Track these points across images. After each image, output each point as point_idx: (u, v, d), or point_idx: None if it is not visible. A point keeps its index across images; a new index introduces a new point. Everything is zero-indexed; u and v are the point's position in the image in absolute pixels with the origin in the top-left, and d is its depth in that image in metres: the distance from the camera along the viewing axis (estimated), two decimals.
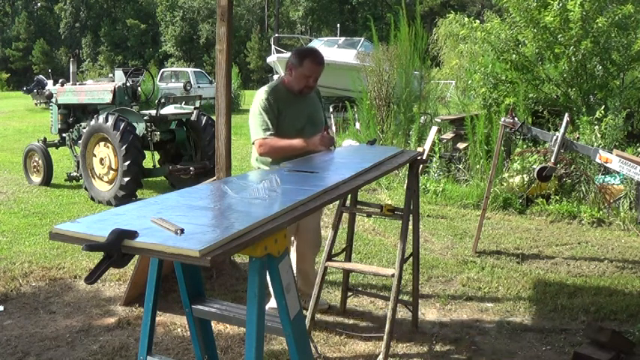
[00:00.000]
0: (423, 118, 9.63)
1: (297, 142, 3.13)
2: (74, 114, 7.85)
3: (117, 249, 1.49)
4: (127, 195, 6.55)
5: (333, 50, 17.87)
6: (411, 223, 3.21)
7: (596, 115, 6.84)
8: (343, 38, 19.86)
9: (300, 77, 3.25)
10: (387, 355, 3.00)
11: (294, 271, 3.15)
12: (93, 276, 1.50)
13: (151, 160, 7.34)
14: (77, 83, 8.28)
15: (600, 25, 7.11)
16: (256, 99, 3.25)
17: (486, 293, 4.14)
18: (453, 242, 5.39)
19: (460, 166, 7.79)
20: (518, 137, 7.20)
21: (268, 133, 3.16)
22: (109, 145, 6.78)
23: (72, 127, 7.75)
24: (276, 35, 24.79)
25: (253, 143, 3.23)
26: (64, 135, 7.88)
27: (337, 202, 3.23)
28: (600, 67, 7.69)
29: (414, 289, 3.51)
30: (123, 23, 52.74)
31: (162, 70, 26.57)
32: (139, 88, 7.91)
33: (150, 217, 1.68)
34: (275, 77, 15.80)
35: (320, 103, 3.56)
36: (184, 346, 3.24)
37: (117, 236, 1.49)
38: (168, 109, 7.46)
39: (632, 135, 7.45)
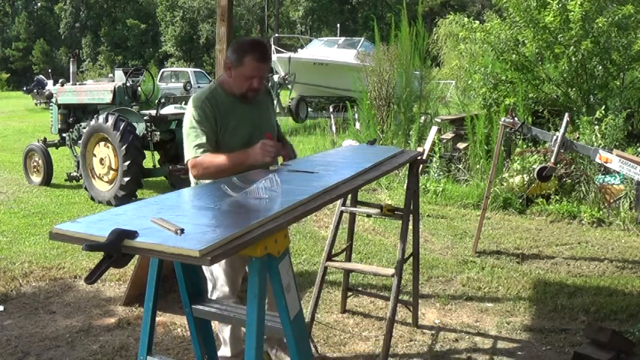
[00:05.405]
0: (423, 118, 9.63)
1: (234, 156, 2.54)
2: (74, 114, 7.85)
3: (117, 249, 1.49)
4: (127, 195, 6.56)
5: (333, 50, 17.90)
6: (411, 223, 3.21)
7: (596, 115, 6.85)
8: (343, 38, 19.89)
9: (241, 79, 2.61)
10: (387, 355, 3.00)
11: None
12: (93, 276, 1.50)
13: (151, 160, 7.34)
14: (77, 83, 8.29)
15: (600, 25, 7.11)
16: (189, 109, 2.64)
17: (486, 293, 4.14)
18: (453, 242, 5.39)
19: (460, 166, 7.79)
20: (518, 137, 7.20)
21: (201, 150, 2.55)
22: (109, 145, 6.79)
23: (72, 127, 7.76)
24: (276, 35, 24.76)
25: (186, 164, 2.62)
26: (64, 135, 7.89)
27: (337, 202, 3.23)
28: (600, 67, 7.69)
29: (414, 289, 3.51)
30: (123, 23, 52.69)
31: (162, 70, 26.58)
32: (139, 88, 7.92)
33: (150, 217, 1.68)
34: (275, 77, 15.79)
35: (271, 107, 2.96)
36: (184, 346, 3.24)
37: (117, 236, 1.49)
38: (168, 109, 7.46)
39: (632, 135, 7.46)
